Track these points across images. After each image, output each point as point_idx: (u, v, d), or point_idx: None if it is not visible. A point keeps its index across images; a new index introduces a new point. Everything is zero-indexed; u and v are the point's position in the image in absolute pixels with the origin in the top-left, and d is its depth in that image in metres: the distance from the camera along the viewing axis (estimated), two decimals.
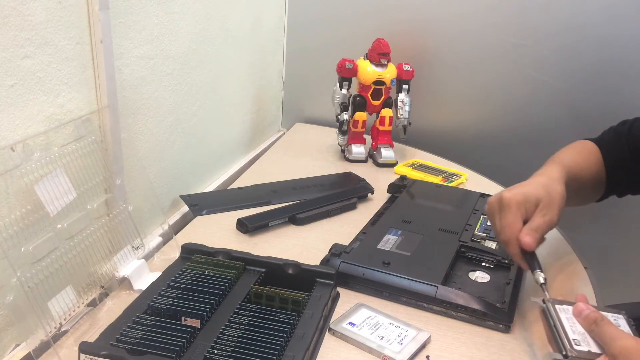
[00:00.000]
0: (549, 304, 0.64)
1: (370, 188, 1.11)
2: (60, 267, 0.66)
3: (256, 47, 1.30)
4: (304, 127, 1.52)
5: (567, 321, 0.63)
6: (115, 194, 0.78)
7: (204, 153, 1.12)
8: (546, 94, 1.33)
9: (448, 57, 1.38)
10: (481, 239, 0.91)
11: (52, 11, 0.66)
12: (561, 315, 0.63)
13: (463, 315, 0.75)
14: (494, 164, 1.35)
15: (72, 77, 0.71)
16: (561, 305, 0.64)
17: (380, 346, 0.68)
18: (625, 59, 1.25)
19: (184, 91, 1.00)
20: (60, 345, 0.66)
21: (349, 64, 1.24)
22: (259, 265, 0.79)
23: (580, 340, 0.61)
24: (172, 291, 0.71)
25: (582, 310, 0.63)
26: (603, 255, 1.34)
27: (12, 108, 0.63)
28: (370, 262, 0.82)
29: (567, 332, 0.61)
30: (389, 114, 1.28)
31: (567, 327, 0.62)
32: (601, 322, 0.61)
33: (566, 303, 0.65)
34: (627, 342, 0.58)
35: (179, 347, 0.61)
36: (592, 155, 0.90)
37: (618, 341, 0.58)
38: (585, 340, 0.61)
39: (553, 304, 0.64)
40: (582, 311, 0.63)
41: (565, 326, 0.62)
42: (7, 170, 0.61)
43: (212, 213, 1.00)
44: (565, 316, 0.63)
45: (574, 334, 0.61)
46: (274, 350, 0.62)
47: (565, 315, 0.63)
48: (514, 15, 1.30)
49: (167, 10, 0.90)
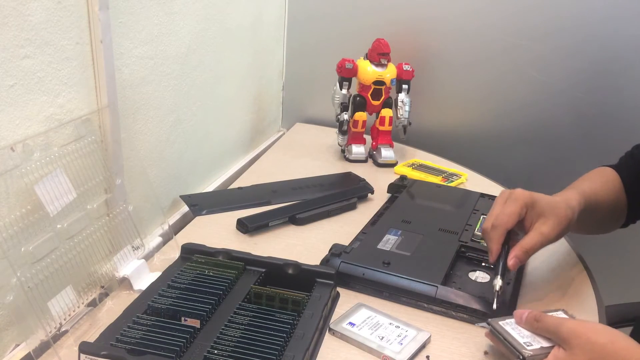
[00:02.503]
0: (493, 323, 0.68)
1: (370, 188, 1.11)
2: (60, 267, 0.66)
3: (256, 47, 1.30)
4: (304, 127, 1.52)
5: (513, 330, 0.66)
6: (115, 194, 0.78)
7: (204, 153, 1.12)
8: (546, 93, 1.33)
9: (448, 57, 1.38)
10: (481, 239, 0.91)
11: (52, 11, 0.66)
12: (506, 328, 0.67)
13: (463, 315, 0.75)
14: (494, 164, 1.35)
15: (72, 77, 0.71)
16: (504, 321, 0.68)
17: (380, 346, 0.68)
18: (625, 59, 1.25)
19: (184, 91, 1.00)
20: (60, 345, 0.66)
21: (349, 64, 1.24)
22: (259, 265, 0.79)
23: (531, 341, 0.64)
24: (172, 291, 0.71)
25: (522, 313, 0.66)
26: (603, 256, 1.34)
27: (12, 108, 0.63)
28: (370, 262, 0.82)
29: (516, 339, 0.65)
30: (389, 114, 1.28)
31: (515, 336, 0.65)
32: (540, 317, 0.64)
33: (507, 317, 0.69)
34: (570, 323, 0.62)
35: (179, 347, 0.61)
36: (611, 183, 0.89)
37: (562, 326, 0.61)
38: (535, 339, 0.65)
39: (497, 321, 0.68)
40: (522, 314, 0.66)
41: (514, 335, 0.66)
42: (7, 170, 0.61)
43: (212, 213, 1.00)
44: (510, 327, 0.67)
45: (523, 338, 0.65)
46: (274, 350, 0.62)
47: (510, 327, 0.67)
48: (514, 15, 1.30)
49: (167, 10, 0.90)
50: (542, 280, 0.86)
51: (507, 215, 0.74)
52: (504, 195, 0.77)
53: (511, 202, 0.75)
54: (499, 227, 0.74)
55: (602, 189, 0.86)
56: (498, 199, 0.77)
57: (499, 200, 0.77)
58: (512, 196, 0.75)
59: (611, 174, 0.90)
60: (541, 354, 0.63)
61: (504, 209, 0.75)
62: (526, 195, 0.75)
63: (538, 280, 0.86)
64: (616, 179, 0.89)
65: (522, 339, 0.65)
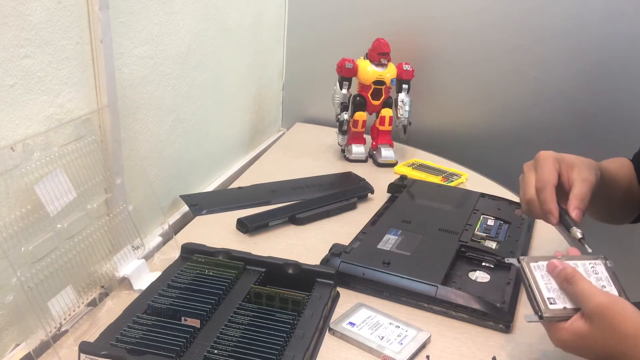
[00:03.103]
0: (523, 262, 0.62)
1: (370, 188, 1.11)
2: (60, 267, 0.66)
3: (256, 47, 1.30)
4: (304, 127, 1.52)
5: (541, 279, 0.60)
6: (115, 194, 0.78)
7: (204, 153, 1.12)
8: (547, 94, 1.33)
9: (448, 57, 1.38)
10: (481, 239, 0.91)
11: (52, 11, 0.66)
12: (536, 274, 0.61)
13: (463, 315, 0.75)
14: (494, 164, 1.35)
15: (72, 76, 0.71)
16: (536, 263, 0.62)
17: (380, 346, 0.68)
18: (626, 59, 1.25)
19: (184, 91, 1.00)
20: (60, 345, 0.66)
21: (349, 63, 1.24)
22: (259, 265, 0.79)
23: (556, 298, 0.59)
24: (172, 291, 0.71)
25: (556, 266, 0.61)
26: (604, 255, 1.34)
27: (12, 108, 0.63)
28: (370, 262, 0.82)
29: (541, 291, 0.59)
30: (389, 114, 1.28)
31: (541, 286, 0.60)
32: (573, 279, 0.59)
33: (542, 259, 0.62)
34: (601, 299, 0.57)
35: (179, 347, 0.61)
36: (626, 168, 0.88)
37: (593, 300, 0.57)
38: (560, 297, 0.59)
39: (528, 262, 0.62)
40: (555, 267, 0.61)
41: (540, 285, 0.60)
42: (7, 170, 0.61)
43: (212, 213, 1.00)
44: (540, 274, 0.61)
45: (549, 292, 0.59)
46: (274, 350, 0.62)
47: (540, 273, 0.61)
48: (514, 16, 1.30)
49: (167, 10, 0.90)
50: None
51: (547, 173, 0.71)
52: (530, 164, 0.74)
53: (543, 162, 0.72)
54: (546, 187, 0.70)
55: (618, 170, 0.85)
56: (526, 169, 0.74)
57: (528, 169, 0.74)
58: (540, 159, 0.73)
59: (627, 162, 0.89)
60: (562, 316, 0.58)
61: (541, 170, 0.72)
62: (551, 153, 0.72)
63: None
64: (631, 167, 0.88)
65: (547, 292, 0.59)
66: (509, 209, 1.02)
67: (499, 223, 0.97)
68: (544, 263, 0.62)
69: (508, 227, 0.96)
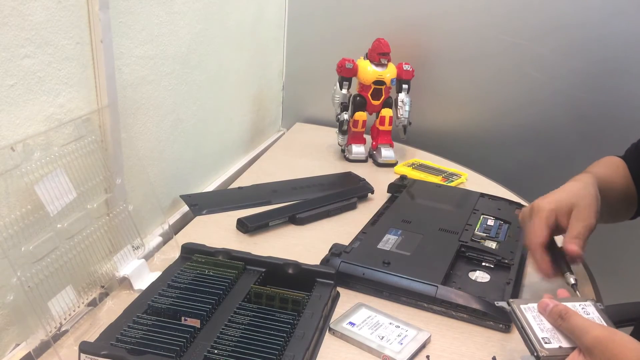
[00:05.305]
0: (513, 305, 0.62)
1: (370, 188, 1.11)
2: (60, 266, 0.66)
3: (256, 47, 1.30)
4: (304, 127, 1.52)
5: (534, 320, 0.61)
6: (115, 194, 0.78)
7: (204, 153, 1.12)
8: (546, 93, 1.33)
9: (448, 57, 1.38)
10: (481, 238, 0.91)
11: (52, 11, 0.66)
12: (527, 315, 0.61)
13: (463, 315, 0.75)
14: (494, 164, 1.35)
15: (72, 77, 0.71)
16: (527, 305, 0.62)
17: (380, 346, 0.68)
18: (625, 58, 1.25)
19: (184, 91, 1.00)
20: (60, 345, 0.66)
21: (349, 63, 1.24)
22: (259, 265, 0.79)
23: (550, 338, 0.59)
24: (172, 291, 0.71)
25: (547, 305, 0.61)
26: (603, 256, 1.34)
27: (12, 108, 0.63)
28: (370, 262, 0.82)
29: (535, 331, 0.59)
30: (389, 114, 1.28)
31: (534, 327, 0.60)
32: (567, 315, 0.59)
33: (532, 301, 0.63)
34: (598, 332, 0.56)
35: (179, 347, 0.61)
36: (621, 169, 0.88)
37: (590, 333, 0.56)
38: (555, 336, 0.59)
39: (518, 305, 0.62)
40: (547, 306, 0.61)
41: (533, 325, 0.60)
42: (7, 170, 0.61)
43: (212, 213, 1.00)
44: (531, 315, 0.61)
45: (542, 332, 0.59)
46: (274, 350, 0.62)
47: (531, 314, 0.61)
48: (514, 15, 1.30)
49: (168, 10, 0.90)
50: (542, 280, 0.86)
51: (535, 232, 0.73)
52: (526, 213, 0.76)
53: (534, 217, 0.74)
54: (534, 249, 0.73)
55: (613, 174, 0.86)
56: (524, 219, 0.76)
57: (524, 219, 0.76)
58: (534, 210, 0.74)
59: (620, 162, 0.90)
60: (559, 355, 0.57)
61: (531, 227, 0.74)
62: (550, 205, 0.73)
63: (538, 280, 0.86)
64: (625, 167, 0.89)
65: (541, 333, 0.59)
66: (509, 209, 1.02)
67: (499, 223, 0.97)
68: (534, 305, 0.62)
69: (508, 227, 0.96)
